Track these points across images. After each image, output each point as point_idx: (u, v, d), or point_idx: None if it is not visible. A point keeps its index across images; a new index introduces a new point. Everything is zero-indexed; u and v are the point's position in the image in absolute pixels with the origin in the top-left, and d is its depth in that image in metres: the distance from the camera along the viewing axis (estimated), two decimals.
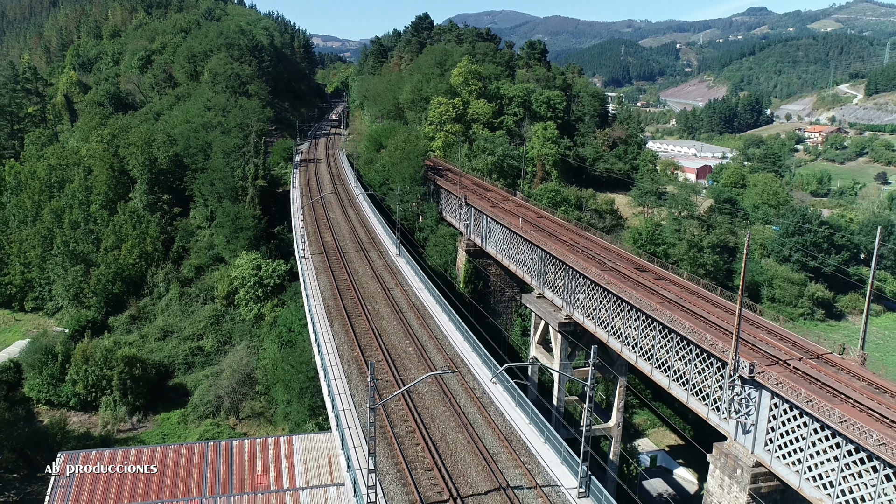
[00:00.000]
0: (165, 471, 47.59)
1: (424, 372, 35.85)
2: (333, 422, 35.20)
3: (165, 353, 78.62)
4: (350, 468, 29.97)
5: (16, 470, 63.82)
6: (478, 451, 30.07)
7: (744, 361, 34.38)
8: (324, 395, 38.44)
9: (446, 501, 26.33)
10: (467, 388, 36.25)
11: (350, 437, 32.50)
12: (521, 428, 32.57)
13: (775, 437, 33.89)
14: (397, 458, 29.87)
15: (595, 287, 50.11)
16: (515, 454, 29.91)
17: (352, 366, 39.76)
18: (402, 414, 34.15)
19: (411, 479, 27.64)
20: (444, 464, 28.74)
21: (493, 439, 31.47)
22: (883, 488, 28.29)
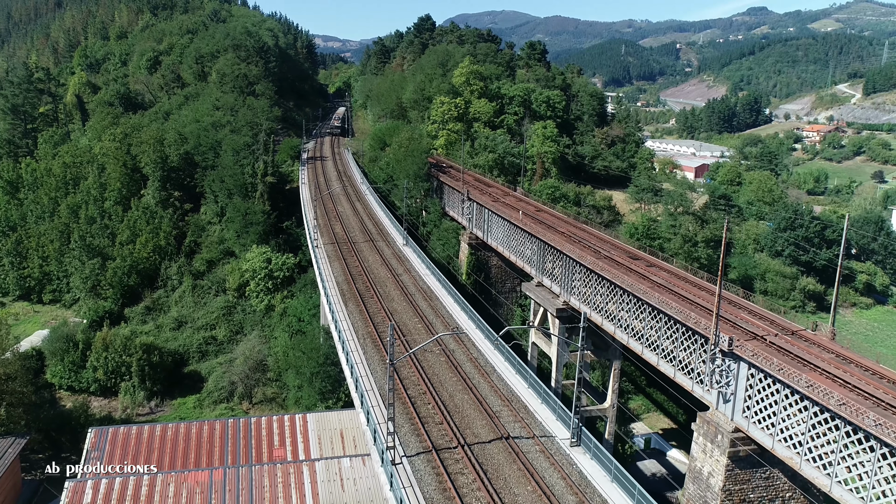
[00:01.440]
0: (189, 444, 50.97)
1: (435, 345, 39.30)
2: (352, 384, 38.54)
3: (180, 342, 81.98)
4: (370, 422, 33.32)
5: (41, 451, 67.19)
6: (482, 409, 33.51)
7: (723, 336, 37.72)
8: (342, 365, 41.74)
9: (455, 448, 29.77)
10: (472, 359, 39.68)
11: (369, 397, 35.92)
12: (521, 391, 35.99)
13: (752, 405, 37.21)
14: (411, 415, 33.27)
15: (590, 274, 53.43)
16: (515, 411, 33.33)
17: (367, 340, 43.18)
18: (414, 379, 37.56)
19: (424, 431, 31.02)
20: (452, 419, 32.14)
21: (495, 400, 34.90)
22: (844, 443, 31.58)
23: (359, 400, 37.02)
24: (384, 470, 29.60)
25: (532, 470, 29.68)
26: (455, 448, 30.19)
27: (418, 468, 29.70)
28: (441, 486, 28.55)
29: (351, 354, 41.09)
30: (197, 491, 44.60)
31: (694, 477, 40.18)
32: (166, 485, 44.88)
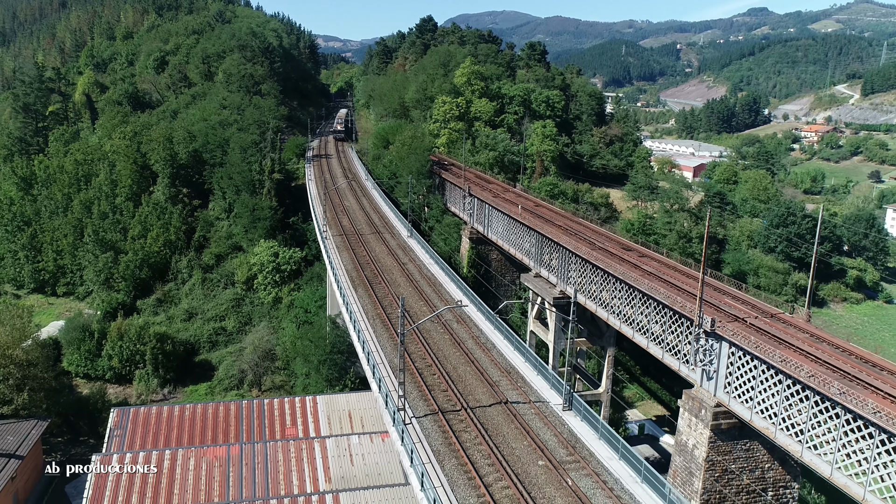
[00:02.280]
0: (206, 423, 53.98)
1: (439, 325, 42.32)
2: (364, 358, 41.59)
3: (191, 333, 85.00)
4: (382, 389, 36.29)
5: (60, 434, 70.17)
6: (483, 379, 36.56)
7: (707, 318, 40.65)
8: (354, 343, 44.72)
9: (458, 410, 32.76)
10: (473, 336, 42.73)
11: (380, 369, 39.02)
12: (518, 365, 39.09)
13: (732, 381, 40.14)
14: (419, 383, 36.29)
15: (585, 264, 56.38)
16: (513, 381, 36.34)
17: (376, 321, 46.21)
18: (421, 354, 40.62)
19: (431, 397, 33.99)
20: (456, 387, 35.14)
21: (494, 371, 37.94)
22: (813, 412, 34.51)
23: (370, 371, 40.03)
24: (396, 429, 32.60)
25: (528, 428, 32.86)
26: (459, 411, 33.30)
27: (426, 427, 32.82)
28: (447, 440, 31.67)
29: (363, 332, 44.20)
30: (216, 464, 47.60)
31: (680, 449, 43.13)
32: (187, 458, 47.88)
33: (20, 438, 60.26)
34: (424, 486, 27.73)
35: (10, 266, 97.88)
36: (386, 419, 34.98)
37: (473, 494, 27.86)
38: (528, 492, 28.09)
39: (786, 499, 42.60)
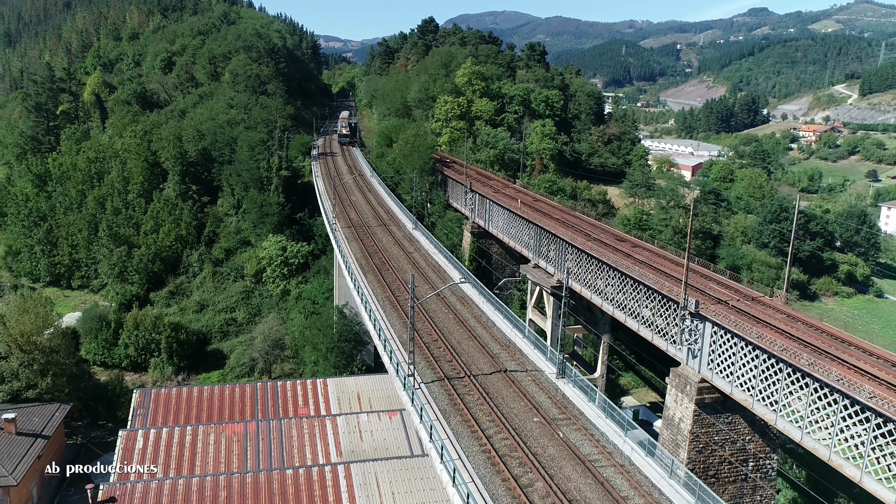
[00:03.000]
0: (223, 403, 57.24)
1: (444, 307, 45.64)
2: (376, 335, 45.01)
3: (203, 323, 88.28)
4: (393, 360, 39.57)
5: (80, 419, 73.46)
6: (484, 352, 39.92)
7: (692, 300, 43.87)
8: (366, 322, 48.03)
9: (462, 377, 36.04)
10: (475, 316, 46.15)
11: (391, 343, 42.36)
12: (517, 341, 42.51)
13: (715, 358, 43.36)
14: (427, 355, 39.66)
15: (581, 254, 59.61)
16: (511, 354, 39.72)
17: (385, 302, 49.57)
18: (428, 330, 44.08)
19: (438, 366, 37.26)
20: (459, 358, 38.46)
21: (495, 345, 41.30)
22: (786, 383, 37.70)
23: (382, 345, 43.40)
24: (406, 393, 35.91)
25: (524, 392, 36.27)
26: (462, 378, 36.60)
27: (433, 391, 36.19)
28: (452, 401, 35.00)
29: (374, 312, 47.66)
30: (234, 439, 50.85)
31: (667, 423, 46.33)
32: (207, 434, 51.12)
33: (45, 420, 63.65)
34: (433, 438, 31.13)
35: (26, 260, 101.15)
36: (397, 385, 38.34)
37: (476, 444, 31.29)
38: (524, 442, 31.49)
39: (765, 469, 45.82)
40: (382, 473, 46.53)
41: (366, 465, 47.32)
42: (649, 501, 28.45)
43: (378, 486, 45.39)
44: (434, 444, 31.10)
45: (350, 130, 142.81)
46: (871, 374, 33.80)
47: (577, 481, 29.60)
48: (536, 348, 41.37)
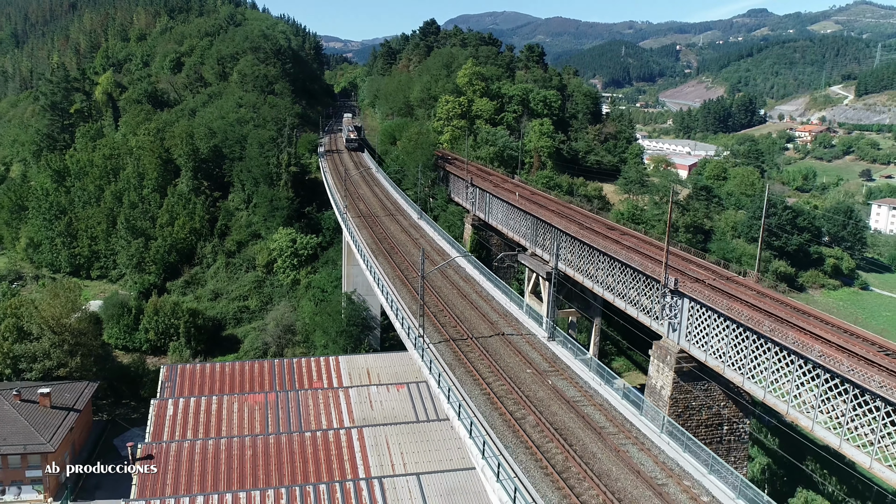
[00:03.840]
0: (244, 377, 61.99)
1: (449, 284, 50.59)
2: (388, 307, 50.05)
3: (217, 311, 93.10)
4: (404, 325, 44.46)
5: (105, 397, 78.24)
6: (484, 319, 45.06)
7: (671, 278, 48.66)
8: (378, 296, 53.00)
9: (465, 339, 40.99)
10: (476, 291, 51.24)
11: (403, 312, 47.38)
12: (513, 311, 47.78)
13: (692, 331, 48.14)
14: (434, 322, 44.87)
15: (574, 241, 64.41)
16: (508, 321, 44.79)
17: (396, 280, 54.34)
18: (434, 302, 49.20)
19: (444, 331, 42.11)
20: (462, 324, 43.48)
21: (494, 315, 46.36)
22: (753, 348, 42.50)
23: (394, 315, 48.58)
24: (417, 350, 40.76)
25: (519, 350, 41.35)
26: (466, 339, 41.53)
27: (440, 349, 41.30)
28: (457, 357, 40.00)
29: (386, 287, 52.89)
30: (256, 408, 55.63)
31: (650, 392, 51.09)
32: (230, 403, 55.91)
33: (76, 396, 68.50)
34: (441, 384, 35.97)
35: (47, 251, 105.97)
36: (408, 345, 43.35)
37: (477, 389, 36.22)
38: (518, 387, 36.47)
39: (739, 433, 50.62)
40: (392, 436, 51.41)
41: (377, 428, 52.19)
42: (621, 430, 33.70)
43: (388, 447, 50.27)
44: (442, 389, 36.03)
45: (357, 135, 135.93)
46: (824, 337, 38.56)
47: (562, 416, 34.79)
48: (530, 317, 46.34)
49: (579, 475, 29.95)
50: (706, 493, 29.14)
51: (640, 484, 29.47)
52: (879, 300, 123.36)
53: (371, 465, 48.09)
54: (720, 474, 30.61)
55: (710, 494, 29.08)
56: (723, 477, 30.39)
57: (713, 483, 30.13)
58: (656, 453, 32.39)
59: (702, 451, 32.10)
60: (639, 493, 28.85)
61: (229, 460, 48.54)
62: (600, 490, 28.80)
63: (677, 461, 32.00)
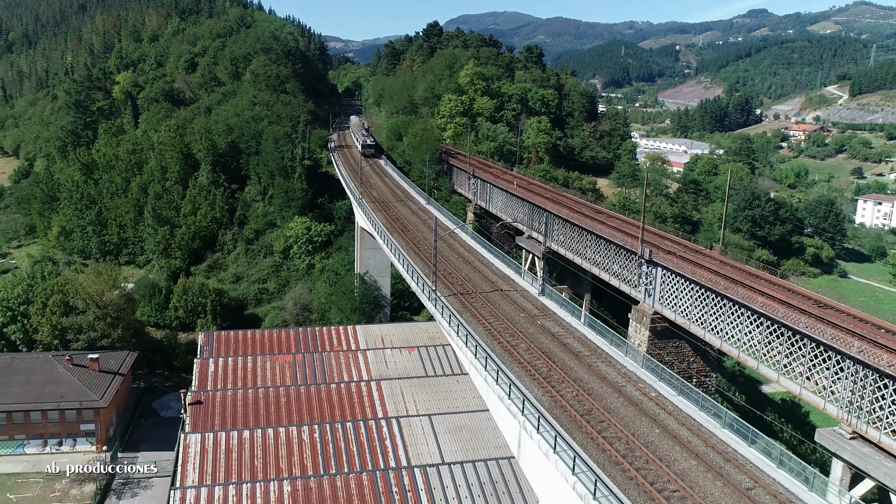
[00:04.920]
0: (273, 342, 69.78)
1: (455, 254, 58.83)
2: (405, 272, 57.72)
3: (239, 292, 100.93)
4: (419, 283, 52.52)
5: (141, 367, 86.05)
6: (486, 280, 53.29)
7: (647, 250, 56.48)
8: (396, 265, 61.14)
9: (470, 293, 48.98)
10: (479, 260, 59.28)
11: (417, 273, 55.59)
12: (511, 275, 55.53)
13: (664, 295, 55.93)
14: (444, 281, 52.53)
15: (565, 223, 72.25)
16: (506, 282, 53.15)
17: (410, 252, 62.32)
18: (443, 266, 57.10)
19: (452, 287, 49.76)
20: (467, 283, 51.13)
21: (493, 276, 54.84)
22: (712, 305, 50.29)
23: (410, 277, 56.54)
24: (430, 302, 48.77)
25: (514, 301, 49.74)
26: (470, 294, 49.49)
27: (450, 300, 49.43)
28: (463, 305, 48.16)
29: (402, 255, 61.27)
30: (286, 366, 63.48)
31: (628, 349, 58.83)
32: (263, 362, 63.76)
33: (119, 363, 76.36)
34: (451, 323, 43.98)
35: (78, 239, 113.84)
36: (423, 298, 51.39)
37: (480, 326, 44.46)
38: (513, 326, 44.72)
39: (706, 385, 58.38)
40: (406, 387, 59.33)
41: (392, 381, 60.11)
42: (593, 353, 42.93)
43: (403, 396, 58.18)
44: (452, 326, 44.10)
45: (375, 141, 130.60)
46: (768, 293, 46.34)
47: (547, 344, 43.52)
48: (525, 279, 54.17)
49: (559, 379, 38.45)
50: (654, 391, 37.74)
51: (605, 385, 38.32)
52: (856, 286, 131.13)
53: (388, 409, 56.03)
54: (668, 381, 39.18)
55: (657, 391, 37.70)
56: (669, 381, 38.85)
57: (662, 386, 38.78)
58: (619, 367, 41.79)
59: (656, 366, 40.49)
60: (603, 391, 37.75)
61: (266, 405, 56.53)
62: (575, 389, 37.58)
63: (635, 372, 41.26)
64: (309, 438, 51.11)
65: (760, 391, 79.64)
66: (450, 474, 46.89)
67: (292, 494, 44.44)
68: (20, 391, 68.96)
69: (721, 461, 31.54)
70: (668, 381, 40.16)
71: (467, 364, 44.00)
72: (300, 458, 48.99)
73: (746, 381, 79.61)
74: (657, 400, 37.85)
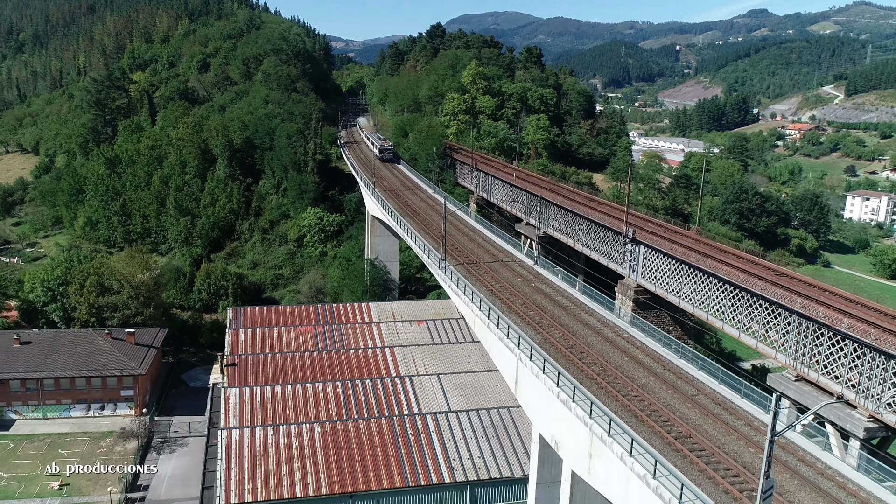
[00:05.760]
0: (294, 315, 77.06)
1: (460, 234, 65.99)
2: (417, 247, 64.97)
3: (257, 277, 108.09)
4: (430, 254, 59.90)
5: (169, 344, 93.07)
6: (487, 252, 60.82)
7: (630, 230, 63.56)
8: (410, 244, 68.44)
9: (474, 263, 56.02)
10: (481, 237, 67.11)
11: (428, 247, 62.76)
12: (510, 249, 62.96)
13: (646, 270, 62.97)
14: (451, 254, 59.63)
15: (560, 210, 79.31)
16: (505, 254, 59.76)
17: (420, 230, 69.74)
18: (451, 243, 64.23)
19: (458, 258, 56.91)
20: (471, 255, 58.16)
21: (494, 250, 62.32)
22: (686, 276, 57.34)
23: (421, 250, 63.87)
24: (440, 270, 56.08)
25: (512, 269, 57.55)
26: (475, 263, 56.83)
27: (458, 268, 56.41)
28: (468, 271, 55.48)
29: (414, 232, 68.63)
30: (307, 336, 70.71)
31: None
32: (288, 332, 71.04)
33: (152, 337, 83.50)
34: (458, 285, 51.42)
35: (104, 229, 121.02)
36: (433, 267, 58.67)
37: (483, 287, 51.84)
38: (512, 287, 51.77)
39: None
40: (416, 353, 66.65)
41: (404, 348, 67.49)
42: (579, 308, 50.65)
43: (413, 359, 65.47)
44: (460, 287, 51.47)
45: (393, 146, 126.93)
46: (732, 264, 53.35)
47: (540, 300, 51.53)
48: (522, 252, 61.36)
49: (549, 325, 46.16)
50: (626, 333, 45.78)
51: (586, 329, 46.62)
52: (838, 275, 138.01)
53: (401, 370, 63.43)
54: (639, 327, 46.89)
55: (629, 334, 45.59)
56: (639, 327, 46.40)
57: (634, 331, 46.60)
58: (599, 317, 50.18)
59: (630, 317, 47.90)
60: (584, 333, 45.84)
61: (293, 367, 63.82)
62: (562, 331, 45.58)
63: (613, 321, 48.76)
64: (332, 392, 58.37)
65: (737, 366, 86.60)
66: (456, 419, 54.31)
67: (322, 434, 51.69)
68: (66, 361, 76.15)
69: (674, 378, 39.08)
70: (639, 327, 47.57)
71: (472, 317, 51.18)
72: (325, 408, 56.28)
73: (725, 357, 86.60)
74: (629, 339, 45.67)
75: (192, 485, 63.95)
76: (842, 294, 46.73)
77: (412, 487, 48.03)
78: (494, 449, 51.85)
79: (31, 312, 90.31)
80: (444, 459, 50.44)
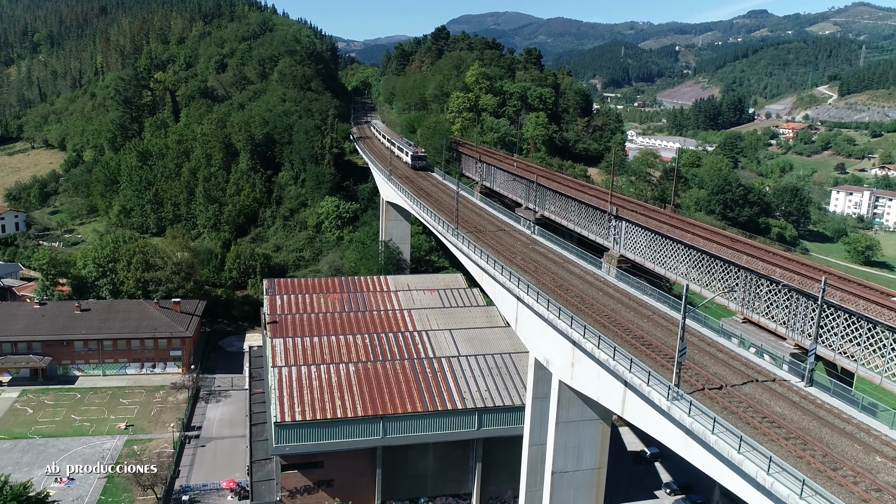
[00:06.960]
0: (321, 285, 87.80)
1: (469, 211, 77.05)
2: (433, 223, 75.81)
3: (280, 259, 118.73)
4: (444, 226, 70.75)
5: (205, 316, 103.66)
6: (493, 224, 71.86)
7: (614, 208, 74.23)
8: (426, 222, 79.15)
9: (481, 232, 67.12)
10: (487, 214, 77.79)
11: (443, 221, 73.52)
12: (511, 223, 73.93)
13: (628, 242, 73.52)
14: (461, 226, 70.69)
15: (555, 194, 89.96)
16: (507, 227, 70.61)
17: (434, 208, 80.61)
18: (463, 217, 74.99)
19: (467, 228, 67.96)
20: (478, 227, 69.34)
21: (498, 223, 72.68)
22: (661, 246, 67.90)
23: (436, 222, 74.91)
24: (453, 238, 67.14)
25: (513, 236, 68.82)
26: (482, 232, 67.81)
27: (468, 237, 67.24)
28: (476, 238, 66.18)
29: (429, 210, 79.23)
30: (336, 301, 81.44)
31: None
32: (318, 298, 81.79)
33: (194, 308, 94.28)
34: (469, 247, 62.52)
35: (137, 216, 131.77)
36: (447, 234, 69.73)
37: (489, 249, 62.53)
38: (513, 249, 62.71)
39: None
40: (430, 314, 77.41)
41: (420, 311, 78.29)
42: (576, 267, 60.88)
43: (428, 319, 76.23)
44: (470, 248, 62.51)
45: (425, 153, 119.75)
46: (696, 233, 63.98)
47: (536, 258, 62.31)
48: (521, 225, 72.56)
49: (543, 273, 57.03)
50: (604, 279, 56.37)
51: (573, 276, 57.33)
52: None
53: (417, 327, 74.16)
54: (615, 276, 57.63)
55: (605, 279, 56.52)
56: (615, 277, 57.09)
57: (611, 277, 57.44)
58: (583, 268, 61.20)
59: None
60: (570, 278, 56.68)
61: (326, 323, 74.62)
62: (552, 277, 56.53)
63: (595, 271, 60.54)
64: (361, 343, 69.28)
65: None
66: (466, 362, 65.14)
67: (356, 372, 62.42)
68: (122, 325, 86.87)
69: (638, 306, 50.16)
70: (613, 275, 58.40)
71: (479, 273, 61.96)
72: (357, 353, 67.15)
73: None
74: (605, 282, 57.03)
75: (238, 426, 74.68)
76: (780, 253, 57.51)
77: (431, 412, 58.66)
78: (497, 384, 62.64)
79: (82, 287, 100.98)
80: (456, 391, 61.11)
